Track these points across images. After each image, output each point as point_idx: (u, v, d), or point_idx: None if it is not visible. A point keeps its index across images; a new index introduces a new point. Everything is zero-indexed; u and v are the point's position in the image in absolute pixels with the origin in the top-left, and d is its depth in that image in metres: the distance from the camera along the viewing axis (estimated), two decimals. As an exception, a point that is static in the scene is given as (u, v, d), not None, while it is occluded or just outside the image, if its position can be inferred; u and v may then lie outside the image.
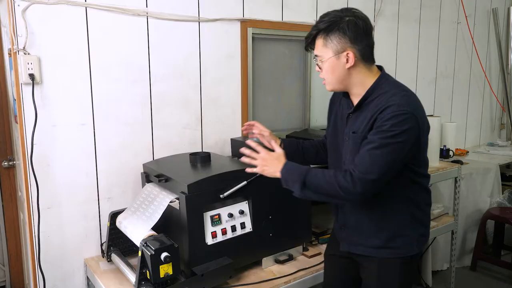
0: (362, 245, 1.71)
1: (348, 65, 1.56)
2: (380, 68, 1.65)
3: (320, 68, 1.63)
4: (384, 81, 1.60)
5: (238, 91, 2.65)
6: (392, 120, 1.47)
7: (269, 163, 1.65)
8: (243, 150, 1.73)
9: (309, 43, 1.66)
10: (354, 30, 1.53)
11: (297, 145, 1.98)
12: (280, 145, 1.87)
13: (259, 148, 1.70)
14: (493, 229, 3.73)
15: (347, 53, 1.55)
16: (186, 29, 2.38)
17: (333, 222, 1.96)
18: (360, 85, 1.60)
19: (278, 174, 1.63)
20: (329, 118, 1.85)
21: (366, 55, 1.57)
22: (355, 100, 1.64)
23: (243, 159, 1.73)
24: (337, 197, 1.54)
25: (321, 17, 1.61)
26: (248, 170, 1.76)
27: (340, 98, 1.77)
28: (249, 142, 1.75)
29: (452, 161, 3.43)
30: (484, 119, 4.92)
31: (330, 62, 1.57)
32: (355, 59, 1.55)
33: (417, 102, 1.58)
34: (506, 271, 3.52)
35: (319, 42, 1.59)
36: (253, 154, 1.69)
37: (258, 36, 2.73)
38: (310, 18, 2.96)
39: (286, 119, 3.04)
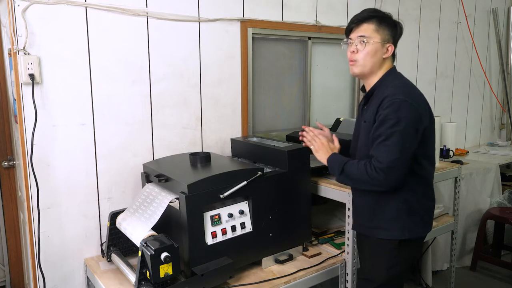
0: (362, 225, 1.89)
1: (386, 56, 1.76)
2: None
3: (357, 49, 1.75)
4: (389, 76, 1.79)
5: (238, 91, 2.65)
6: (388, 109, 1.64)
7: (323, 149, 1.90)
8: (310, 129, 1.99)
9: (356, 23, 1.77)
10: (399, 31, 1.80)
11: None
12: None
13: (321, 136, 1.95)
14: (493, 229, 3.73)
15: (389, 45, 1.76)
16: (186, 29, 2.38)
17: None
18: (379, 76, 1.79)
19: (325, 161, 1.88)
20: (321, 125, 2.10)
21: (394, 55, 1.81)
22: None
23: (305, 139, 1.98)
24: (367, 183, 1.70)
25: (373, 9, 1.79)
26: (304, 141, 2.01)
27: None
28: (318, 123, 2.08)
29: (452, 161, 3.43)
30: (484, 119, 4.92)
31: (376, 46, 1.74)
32: (391, 54, 1.78)
33: (415, 93, 1.73)
34: (506, 271, 3.51)
35: (370, 25, 1.74)
36: (316, 138, 1.94)
37: (258, 36, 2.73)
38: (310, 18, 2.96)
39: (286, 119, 3.04)
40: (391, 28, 1.75)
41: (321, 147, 1.91)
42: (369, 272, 1.87)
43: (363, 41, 1.73)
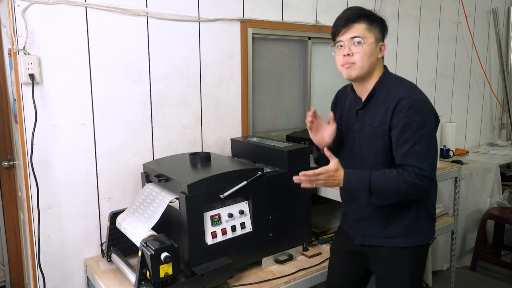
0: (375, 236, 1.74)
1: (380, 56, 1.67)
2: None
3: (352, 51, 1.62)
4: (389, 76, 1.71)
5: (238, 91, 2.65)
6: (410, 111, 1.55)
7: (330, 179, 1.61)
8: (302, 174, 1.60)
9: (345, 24, 1.63)
10: (387, 30, 1.70)
11: None
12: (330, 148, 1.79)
13: (317, 171, 1.59)
14: (493, 229, 3.73)
15: (382, 44, 1.67)
16: (186, 29, 2.38)
17: (341, 218, 1.98)
18: (375, 78, 1.68)
19: (341, 184, 1.62)
20: (334, 120, 1.84)
21: (384, 55, 1.70)
22: (363, 96, 1.71)
23: (304, 185, 1.62)
24: (406, 194, 1.58)
25: (358, 7, 1.67)
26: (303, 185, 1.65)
27: (343, 98, 1.87)
28: (303, 174, 1.60)
29: (452, 161, 3.43)
30: (484, 119, 4.92)
31: (371, 47, 1.63)
32: (384, 53, 1.69)
33: (422, 91, 1.66)
34: (506, 271, 3.51)
35: (361, 25, 1.62)
36: (314, 178, 1.60)
37: (258, 36, 2.73)
38: (310, 18, 2.96)
39: (286, 119, 3.04)
40: (380, 26, 1.66)
41: (328, 180, 1.61)
42: (390, 285, 1.74)
43: (358, 42, 1.61)
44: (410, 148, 1.55)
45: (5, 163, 2.66)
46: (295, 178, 1.61)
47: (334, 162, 1.61)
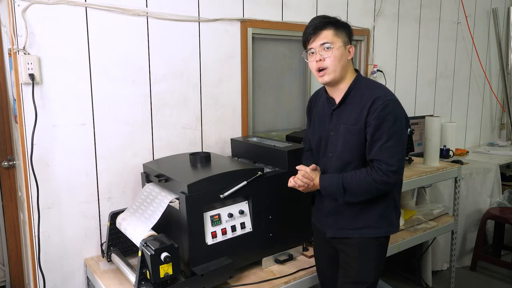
0: (347, 228, 1.82)
1: (349, 57, 1.77)
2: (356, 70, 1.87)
3: (323, 57, 1.72)
4: (362, 78, 1.82)
5: (238, 91, 2.65)
6: (385, 110, 1.66)
7: (311, 187, 1.81)
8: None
9: (314, 32, 1.74)
10: (352, 34, 1.82)
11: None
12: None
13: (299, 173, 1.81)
14: (493, 229, 3.73)
15: (350, 47, 1.77)
16: (186, 29, 2.38)
17: (312, 214, 2.05)
18: (348, 79, 1.78)
19: (318, 188, 1.80)
20: (309, 123, 2.01)
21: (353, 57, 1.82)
22: (337, 97, 1.80)
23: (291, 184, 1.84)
24: (375, 191, 1.70)
25: (323, 16, 1.79)
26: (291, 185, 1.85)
27: (316, 101, 1.95)
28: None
29: (452, 161, 3.43)
30: (484, 119, 4.92)
31: (340, 50, 1.73)
32: (353, 55, 1.79)
33: (394, 94, 1.77)
34: (506, 271, 3.52)
35: (329, 31, 1.73)
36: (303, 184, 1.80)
37: (258, 36, 2.73)
38: (310, 18, 2.95)
39: (286, 119, 3.04)
40: (346, 30, 1.76)
41: (306, 183, 1.79)
42: (358, 274, 1.80)
43: (328, 48, 1.71)
44: (383, 144, 1.66)
45: (5, 163, 2.66)
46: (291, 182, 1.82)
47: (312, 166, 1.81)
